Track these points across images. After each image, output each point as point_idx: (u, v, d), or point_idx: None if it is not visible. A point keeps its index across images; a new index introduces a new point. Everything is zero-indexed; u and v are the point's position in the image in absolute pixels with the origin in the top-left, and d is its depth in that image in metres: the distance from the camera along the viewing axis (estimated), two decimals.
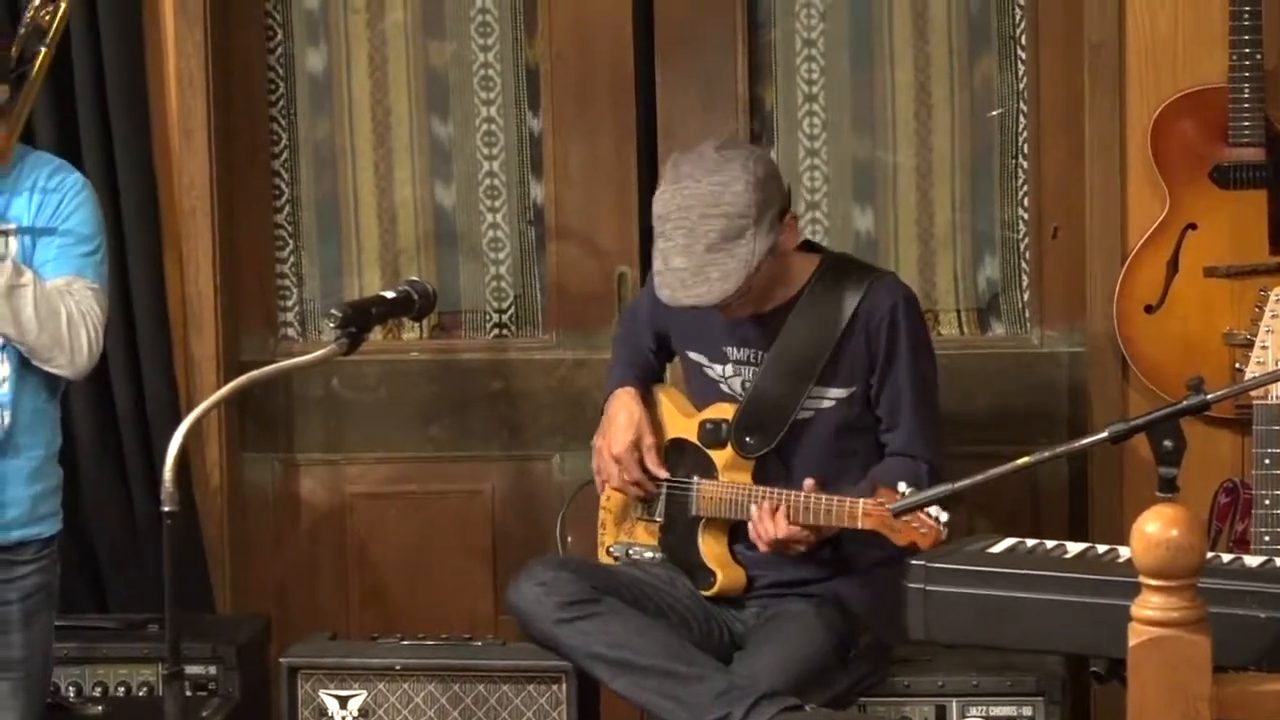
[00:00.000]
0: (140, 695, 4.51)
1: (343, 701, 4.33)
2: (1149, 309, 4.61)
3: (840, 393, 4.17)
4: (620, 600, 4.09)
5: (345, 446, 5.05)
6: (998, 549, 3.27)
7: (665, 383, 4.47)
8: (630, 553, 4.36)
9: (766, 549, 4.09)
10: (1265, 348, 3.93)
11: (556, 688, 4.27)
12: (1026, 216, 4.90)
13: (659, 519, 4.32)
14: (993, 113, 4.91)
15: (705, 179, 4.02)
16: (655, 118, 4.93)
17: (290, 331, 5.11)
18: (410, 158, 5.05)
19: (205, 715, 4.41)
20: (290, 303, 5.10)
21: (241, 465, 5.06)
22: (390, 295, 4.12)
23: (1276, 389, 3.82)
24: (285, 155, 5.07)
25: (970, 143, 4.92)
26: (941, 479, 3.97)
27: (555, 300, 5.01)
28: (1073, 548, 3.29)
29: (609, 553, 4.40)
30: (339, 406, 5.04)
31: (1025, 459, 3.27)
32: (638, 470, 4.28)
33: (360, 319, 3.96)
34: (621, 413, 4.32)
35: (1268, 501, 3.87)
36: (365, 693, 4.33)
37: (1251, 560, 3.20)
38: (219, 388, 4.41)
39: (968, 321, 4.96)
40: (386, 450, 5.05)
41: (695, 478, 4.24)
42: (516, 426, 5.01)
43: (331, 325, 3.95)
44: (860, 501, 3.94)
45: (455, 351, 5.06)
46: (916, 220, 4.94)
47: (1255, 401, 3.88)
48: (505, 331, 5.07)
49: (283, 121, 5.06)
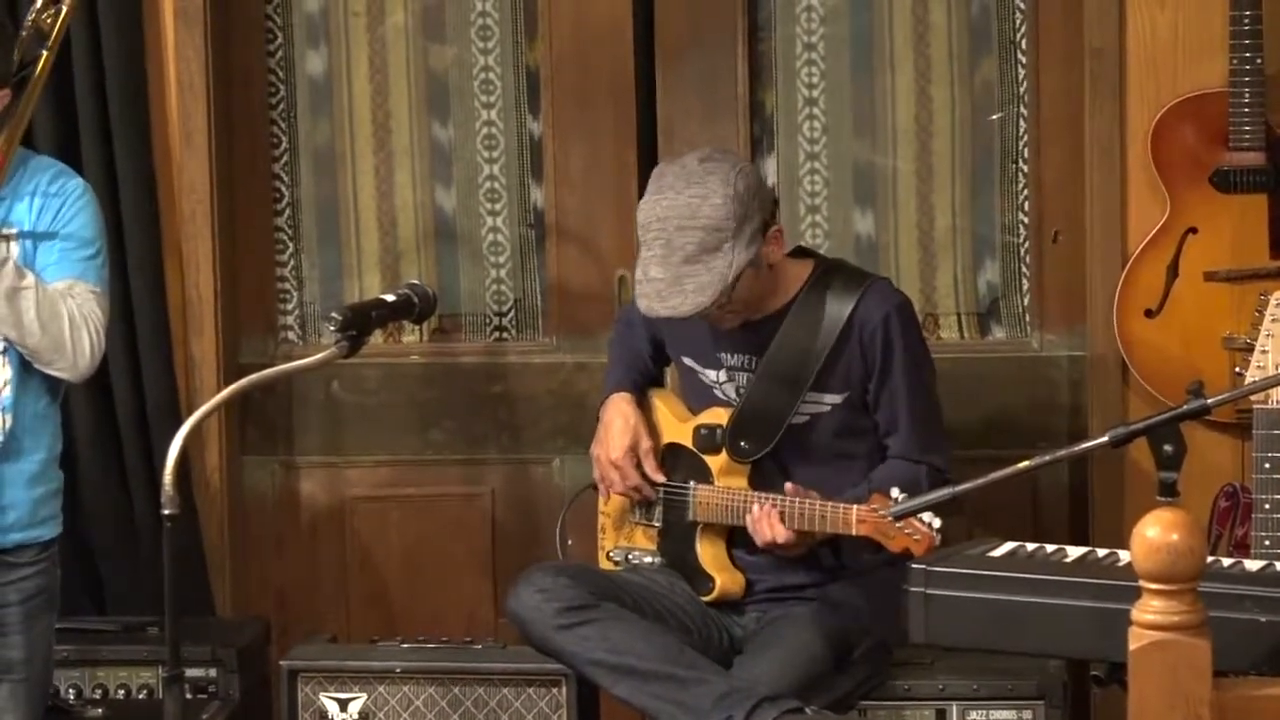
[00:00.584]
0: (140, 698, 4.51)
1: (343, 704, 4.33)
2: (1149, 313, 4.60)
3: (835, 398, 4.17)
4: (619, 605, 4.09)
5: (345, 449, 5.05)
6: (998, 553, 3.27)
7: (663, 387, 4.48)
8: (630, 557, 4.36)
9: (763, 546, 4.09)
10: (1265, 352, 3.92)
11: (556, 691, 4.27)
12: (1027, 220, 4.90)
13: (657, 524, 4.32)
14: (993, 117, 4.91)
15: (685, 190, 4.00)
16: (655, 121, 4.93)
17: (290, 334, 5.11)
18: (411, 161, 5.05)
19: (205, 718, 4.41)
20: (290, 306, 5.10)
21: (241, 468, 5.06)
22: (390, 298, 4.12)
23: (1277, 393, 3.82)
24: (285, 158, 5.07)
25: (971, 147, 4.92)
26: (946, 479, 4.02)
27: (555, 303, 5.01)
28: (1073, 552, 3.28)
29: (609, 557, 4.40)
30: (339, 409, 5.04)
31: (1025, 463, 3.28)
32: (636, 475, 4.28)
33: (360, 322, 3.96)
34: (617, 419, 4.31)
35: (1268, 506, 3.86)
36: (365, 696, 4.33)
37: (1252, 564, 3.20)
38: (219, 391, 4.40)
39: (968, 326, 4.96)
40: (386, 453, 5.05)
41: (692, 483, 4.24)
42: (516, 430, 5.01)
43: (332, 328, 3.94)
44: (854, 508, 3.93)
45: (455, 354, 5.05)
46: (917, 224, 4.94)
47: (1255, 406, 3.87)
48: (505, 334, 5.07)
49: (283, 125, 5.06)
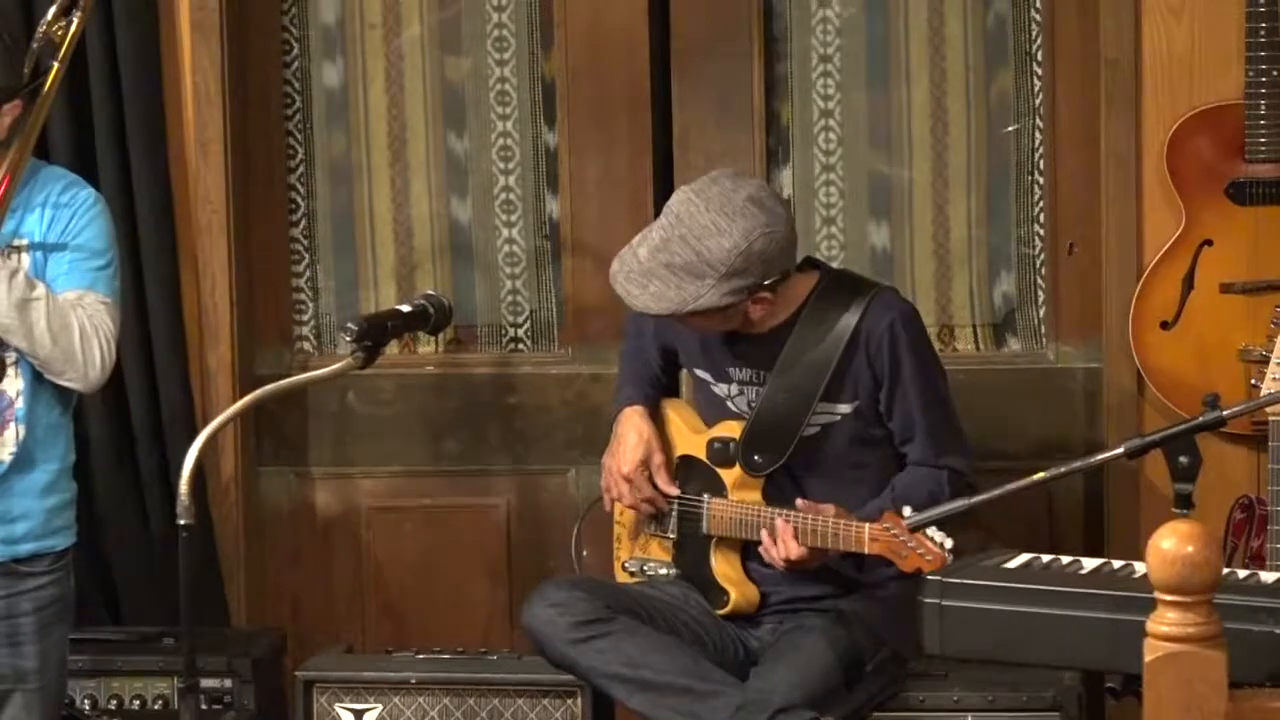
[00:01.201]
0: (155, 708, 4.52)
1: (358, 715, 4.33)
2: (1165, 325, 4.60)
3: (846, 407, 4.16)
4: (634, 619, 4.09)
5: (360, 460, 5.05)
6: (1013, 564, 3.26)
7: (677, 397, 4.47)
8: (645, 568, 4.36)
9: (782, 567, 4.09)
10: None
11: (571, 702, 4.27)
12: (1042, 232, 4.90)
13: (671, 535, 4.31)
14: (1009, 129, 4.91)
15: (711, 212, 3.99)
16: (671, 133, 4.93)
17: (306, 345, 5.11)
18: (426, 172, 5.05)
19: None
20: (306, 316, 5.11)
21: (257, 479, 5.06)
22: (406, 309, 4.12)
23: None
24: (301, 169, 5.07)
25: (986, 159, 4.92)
26: (967, 481, 4.03)
27: (570, 314, 5.01)
28: (1088, 563, 3.28)
29: (624, 568, 4.40)
30: (354, 420, 5.04)
31: (1041, 474, 3.28)
32: (649, 488, 4.27)
33: (376, 333, 3.96)
34: (631, 433, 4.31)
35: None
36: (380, 706, 4.33)
37: (1267, 576, 3.19)
38: (235, 401, 4.42)
39: (983, 337, 4.96)
40: (401, 464, 5.05)
41: (706, 496, 4.23)
42: (531, 441, 5.01)
43: (347, 339, 3.94)
44: (866, 525, 3.91)
45: (470, 366, 5.06)
46: (932, 236, 4.94)
47: (1271, 417, 3.87)
48: (520, 346, 5.07)
49: (299, 136, 5.07)
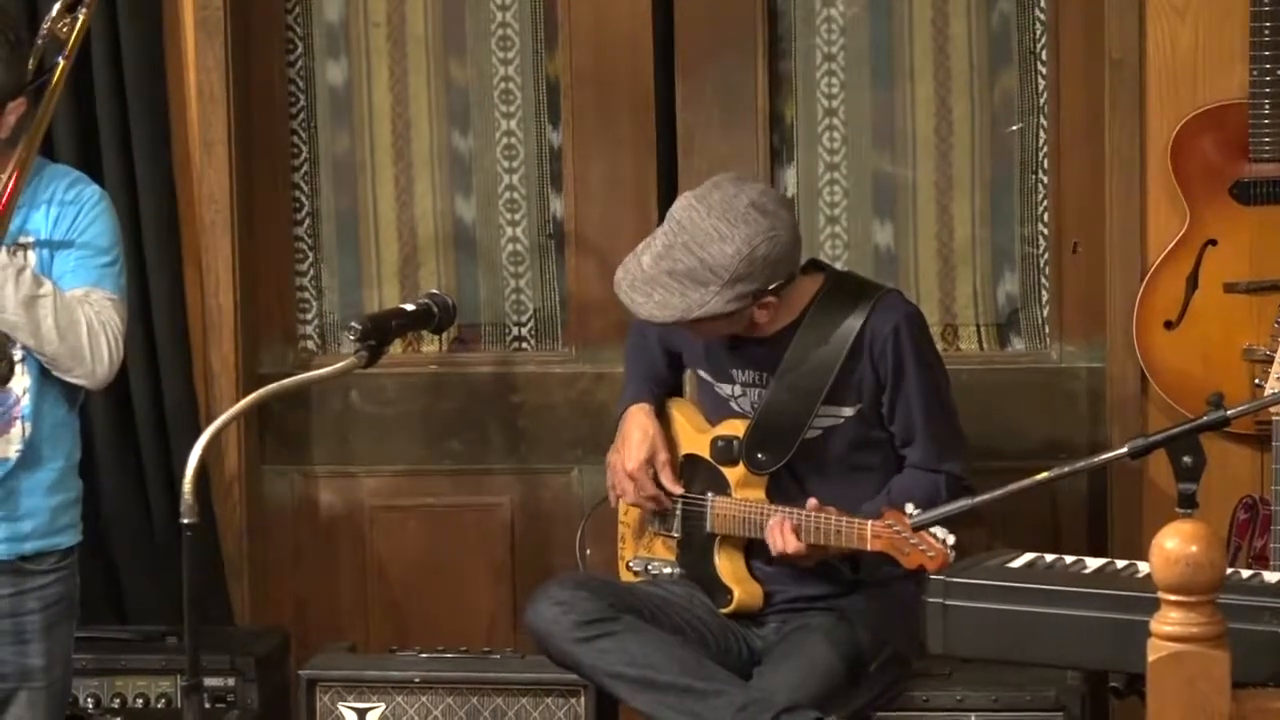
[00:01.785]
0: (159, 707, 4.52)
1: (361, 714, 4.33)
2: (1169, 325, 4.60)
3: (849, 410, 4.16)
4: (638, 618, 4.09)
5: (364, 459, 5.05)
6: (1017, 564, 3.27)
7: (682, 395, 4.48)
8: (650, 567, 4.36)
9: (776, 556, 4.09)
10: None
11: (575, 701, 4.27)
12: (1046, 232, 4.89)
13: (676, 534, 4.31)
14: (1013, 128, 4.90)
15: (714, 218, 3.99)
16: (675, 132, 4.93)
17: (310, 344, 5.11)
18: (430, 171, 5.05)
19: None
20: (310, 315, 5.11)
21: (260, 478, 5.07)
22: (410, 308, 4.12)
23: None
24: (305, 168, 5.08)
25: (990, 158, 4.92)
26: (965, 485, 4.02)
27: (574, 314, 5.01)
28: (1092, 563, 3.29)
29: (629, 567, 4.40)
30: (358, 419, 5.04)
31: (1044, 474, 3.28)
32: (653, 486, 4.28)
33: (380, 332, 3.96)
34: (636, 430, 4.31)
35: None
36: (383, 705, 4.33)
37: (1271, 576, 3.20)
38: (238, 400, 4.42)
39: (987, 337, 4.96)
40: (405, 463, 5.05)
41: (710, 494, 4.23)
42: (535, 440, 5.01)
43: (351, 338, 3.95)
44: (869, 523, 3.92)
45: (474, 365, 5.06)
46: (936, 235, 4.94)
47: (1275, 417, 3.87)
48: (524, 345, 5.07)
49: (303, 134, 5.07)
